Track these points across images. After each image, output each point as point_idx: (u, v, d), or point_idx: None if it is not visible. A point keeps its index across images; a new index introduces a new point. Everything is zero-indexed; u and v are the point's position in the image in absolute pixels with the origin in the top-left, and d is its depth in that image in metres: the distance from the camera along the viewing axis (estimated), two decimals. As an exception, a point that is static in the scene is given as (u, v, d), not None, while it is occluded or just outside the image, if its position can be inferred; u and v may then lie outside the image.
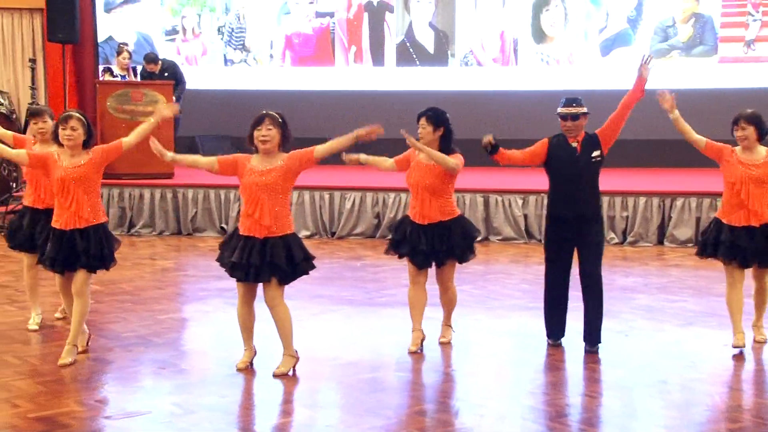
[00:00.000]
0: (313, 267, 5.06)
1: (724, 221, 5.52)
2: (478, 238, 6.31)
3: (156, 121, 5.34)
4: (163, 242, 9.72)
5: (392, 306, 6.65)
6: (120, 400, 4.67)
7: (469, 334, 6.06)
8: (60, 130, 5.17)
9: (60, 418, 4.27)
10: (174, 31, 13.24)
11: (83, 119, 5.22)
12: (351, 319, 6.39)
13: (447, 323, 5.86)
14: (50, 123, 5.84)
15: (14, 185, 11.18)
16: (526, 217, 9.73)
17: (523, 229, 9.70)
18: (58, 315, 6.26)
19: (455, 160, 5.45)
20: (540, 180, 9.26)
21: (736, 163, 5.47)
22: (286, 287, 5.08)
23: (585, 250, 5.45)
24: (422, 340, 5.63)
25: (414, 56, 12.74)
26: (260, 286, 5.01)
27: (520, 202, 9.72)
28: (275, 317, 5.02)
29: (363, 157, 5.52)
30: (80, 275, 5.17)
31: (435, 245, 5.48)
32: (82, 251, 5.11)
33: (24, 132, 11.31)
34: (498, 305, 6.84)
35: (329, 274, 7.98)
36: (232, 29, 13.13)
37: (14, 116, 12.96)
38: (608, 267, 5.57)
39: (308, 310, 6.52)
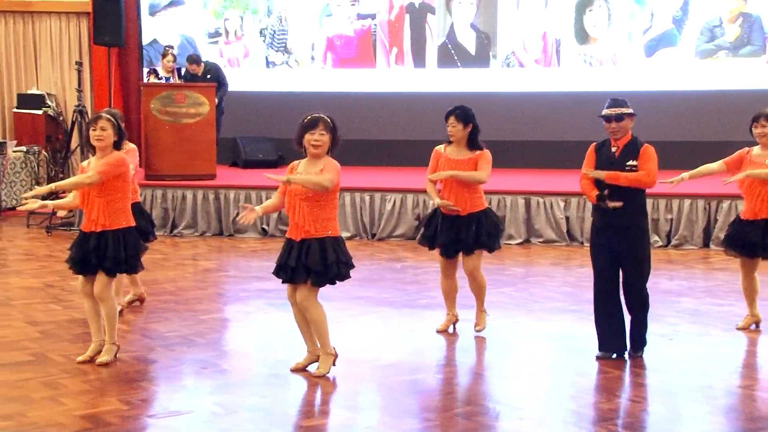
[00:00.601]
0: (347, 275, 5.00)
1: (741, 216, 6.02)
2: (505, 233, 6.41)
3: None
4: (205, 243, 9.82)
5: (432, 308, 6.62)
6: (163, 399, 4.72)
7: (509, 337, 6.03)
8: (90, 132, 5.22)
9: (104, 416, 4.34)
10: (217, 34, 13.37)
11: (113, 120, 5.24)
12: (391, 321, 6.39)
13: (480, 309, 6.06)
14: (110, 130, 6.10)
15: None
16: (567, 219, 9.65)
17: (564, 231, 9.62)
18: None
19: (481, 173, 5.75)
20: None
21: (748, 161, 5.88)
22: (327, 288, 5.09)
23: (624, 262, 5.28)
24: (454, 323, 6.07)
25: (455, 58, 12.71)
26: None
27: (561, 204, 9.64)
28: (309, 318, 5.02)
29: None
30: (99, 278, 5.19)
31: (461, 235, 5.75)
32: (94, 254, 5.12)
33: (71, 134, 11.53)
34: (539, 308, 6.79)
35: (369, 276, 7.99)
36: (274, 31, 13.22)
37: (61, 118, 13.21)
38: (652, 270, 5.48)
39: (348, 312, 6.54)
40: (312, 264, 4.85)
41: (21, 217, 11.25)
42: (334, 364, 5.06)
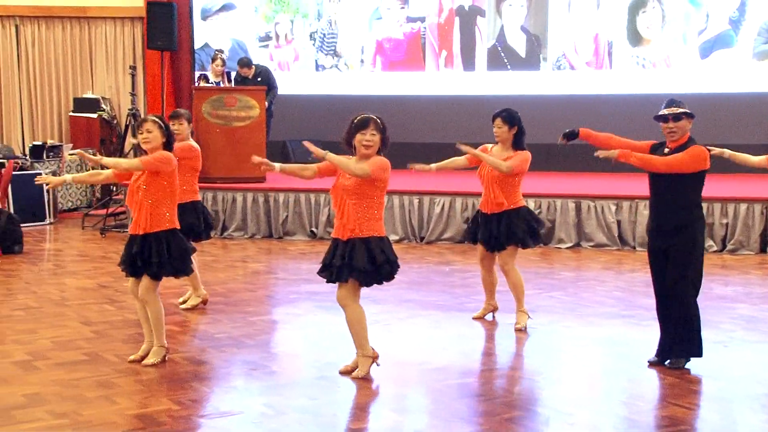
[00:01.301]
0: (391, 276, 4.97)
1: None
2: (543, 231, 6.66)
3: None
4: (254, 245, 9.91)
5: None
6: (214, 400, 4.77)
7: (559, 341, 5.98)
8: (138, 135, 5.29)
9: (157, 416, 4.40)
10: (267, 38, 13.50)
11: (159, 122, 5.29)
12: (439, 324, 6.37)
13: (519, 309, 6.17)
14: (186, 125, 6.61)
15: (114, 188, 11.60)
16: (619, 223, 9.53)
17: (616, 235, 9.50)
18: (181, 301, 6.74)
19: (508, 162, 5.95)
20: (634, 185, 9.08)
21: None
22: (375, 291, 5.09)
23: (667, 263, 5.16)
24: (491, 311, 6.39)
25: (505, 60, 12.65)
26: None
27: (613, 207, 9.53)
28: (346, 317, 5.00)
29: (435, 165, 6.08)
30: (144, 281, 5.24)
31: (493, 231, 6.03)
32: (138, 257, 5.17)
33: (124, 136, 11.74)
34: (590, 313, 6.72)
35: (418, 279, 7.99)
36: (324, 35, 13.30)
37: (115, 121, 13.45)
38: (706, 275, 5.37)
39: (396, 315, 6.54)
40: (359, 264, 4.84)
41: (77, 219, 11.49)
42: (377, 365, 5.06)
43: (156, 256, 5.17)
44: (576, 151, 12.60)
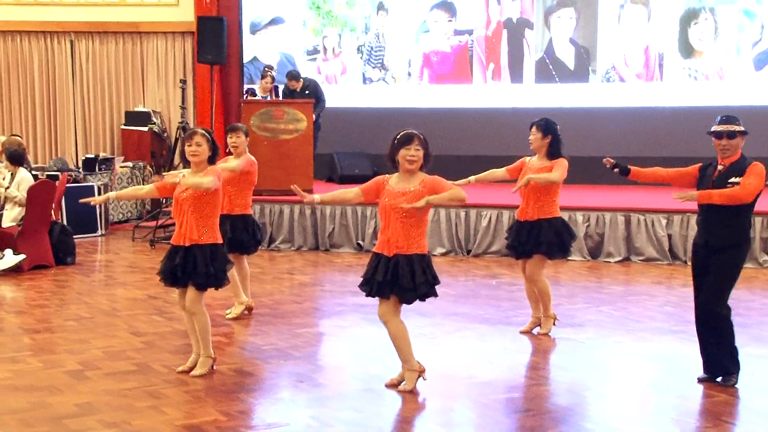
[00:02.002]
0: (434, 292, 4.97)
1: None
2: (574, 242, 6.59)
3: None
4: (301, 257, 9.97)
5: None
6: (260, 411, 4.80)
7: (608, 356, 5.91)
8: (186, 147, 5.31)
9: (204, 427, 4.44)
10: (315, 51, 13.62)
11: (207, 135, 5.33)
12: (486, 338, 6.34)
13: (545, 314, 6.33)
14: (243, 139, 6.73)
15: (164, 201, 11.77)
16: (670, 237, 9.40)
17: (667, 249, 9.37)
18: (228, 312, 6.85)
19: (555, 173, 6.07)
20: (686, 199, 8.94)
21: None
22: (423, 305, 5.09)
23: (705, 280, 5.09)
24: (539, 325, 6.35)
25: (553, 73, 12.58)
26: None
27: (663, 221, 9.40)
28: (389, 333, 5.01)
29: (473, 178, 6.18)
30: (189, 293, 5.30)
31: (522, 238, 6.16)
32: (180, 268, 5.22)
33: (174, 149, 11.92)
34: (639, 328, 6.63)
35: (465, 292, 7.96)
36: (372, 48, 13.38)
37: (165, 134, 13.66)
38: (760, 291, 5.27)
39: (443, 328, 6.53)
40: (402, 282, 4.85)
41: (127, 231, 11.68)
42: (424, 379, 5.05)
43: (202, 268, 5.23)
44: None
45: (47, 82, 14.14)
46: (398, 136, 4.93)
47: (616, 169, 5.52)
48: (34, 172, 10.00)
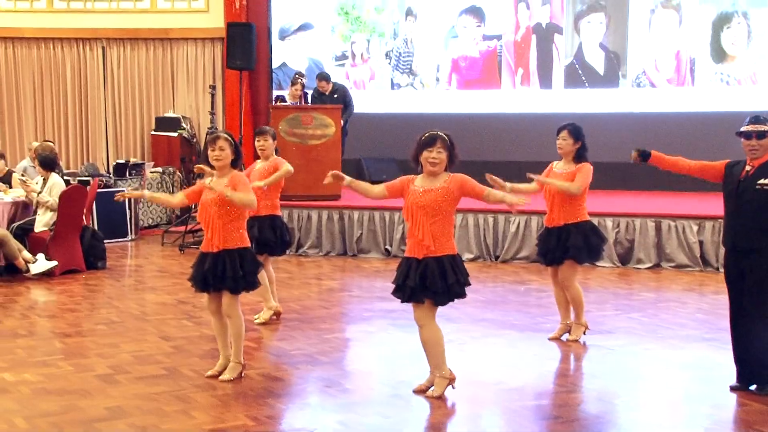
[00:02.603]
0: (463, 293, 4.95)
1: None
2: (604, 248, 6.48)
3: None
4: (329, 263, 9.98)
5: (558, 333, 6.51)
6: (288, 417, 4.81)
7: (638, 364, 5.85)
8: (209, 152, 5.32)
9: (233, 431, 4.46)
10: (344, 57, 13.66)
11: (230, 140, 5.34)
12: (515, 344, 6.31)
13: (577, 321, 6.29)
14: (270, 142, 6.77)
15: (193, 206, 11.85)
16: (701, 243, 9.29)
17: (698, 256, 9.27)
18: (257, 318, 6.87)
19: (576, 183, 6.05)
20: (717, 205, 8.85)
21: None
22: (451, 310, 5.07)
23: (743, 284, 5.01)
24: (568, 331, 6.30)
25: (583, 78, 12.52)
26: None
27: (695, 227, 9.30)
28: (424, 337, 4.99)
29: (510, 186, 5.81)
30: (225, 297, 5.32)
31: (551, 245, 6.14)
32: (210, 274, 5.23)
33: (203, 155, 11.99)
34: (671, 335, 6.56)
35: (493, 298, 7.93)
36: (400, 53, 13.39)
37: (194, 140, 13.76)
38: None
39: (471, 334, 6.50)
40: (434, 285, 4.84)
41: (157, 236, 11.77)
42: (453, 387, 5.04)
43: (231, 272, 5.24)
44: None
45: (79, 89, 14.31)
46: (422, 138, 4.92)
47: (639, 159, 5.38)
48: (65, 178, 10.11)
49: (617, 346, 6.18)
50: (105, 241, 9.78)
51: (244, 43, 12.69)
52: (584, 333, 6.31)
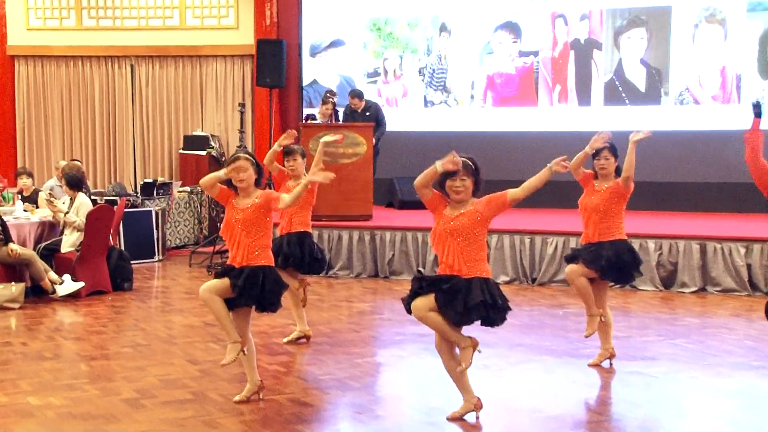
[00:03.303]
0: (503, 318, 4.91)
1: None
2: (640, 269, 6.41)
3: (307, 184, 5.31)
4: (360, 284, 9.99)
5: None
6: (317, 442, 4.80)
7: (683, 393, 5.77)
8: (232, 173, 5.33)
9: (259, 457, 4.46)
10: (376, 73, 13.73)
11: (251, 159, 5.39)
12: (553, 371, 6.25)
13: (591, 312, 6.23)
14: (300, 161, 6.88)
15: (218, 224, 11.93)
16: (749, 267, 9.17)
17: (746, 280, 9.14)
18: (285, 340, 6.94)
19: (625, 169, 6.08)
20: (765, 226, 8.74)
21: None
22: (485, 334, 5.05)
23: None
24: (608, 358, 6.26)
25: (623, 95, 12.46)
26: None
27: (742, 250, 9.18)
28: (444, 364, 5.00)
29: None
30: (214, 283, 5.32)
31: (599, 254, 6.09)
32: (233, 291, 5.25)
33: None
34: (717, 362, 6.47)
35: (530, 322, 7.88)
36: (433, 70, 13.43)
37: (223, 159, 13.87)
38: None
39: (507, 360, 6.46)
40: (455, 304, 4.78)
41: (184, 257, 11.86)
42: (477, 416, 5.01)
43: (249, 287, 5.23)
44: (701, 190, 12.28)
45: (107, 107, 14.53)
46: None
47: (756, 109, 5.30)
48: (93, 197, 10.23)
49: (660, 373, 6.10)
50: (132, 261, 9.86)
51: (274, 60, 12.82)
52: (601, 320, 6.25)
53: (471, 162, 4.90)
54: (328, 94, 11.84)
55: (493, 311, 4.84)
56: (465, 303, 4.77)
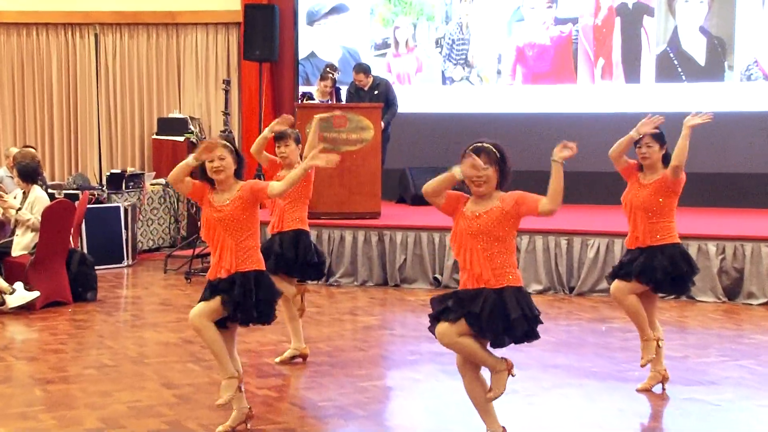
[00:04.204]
0: (536, 333, 4.89)
1: None
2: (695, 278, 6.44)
3: (306, 168, 5.29)
4: (366, 294, 9.99)
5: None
6: (314, 481, 4.81)
7: (749, 423, 5.77)
8: (207, 162, 5.34)
9: (246, 498, 4.47)
10: (385, 45, 13.73)
11: (230, 146, 5.41)
12: (594, 397, 6.25)
13: (646, 337, 6.21)
14: (294, 147, 6.91)
15: (199, 224, 11.95)
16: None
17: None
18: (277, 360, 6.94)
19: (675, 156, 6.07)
20: None
21: None
22: (514, 352, 5.04)
23: None
24: (660, 382, 6.24)
25: (679, 70, 12.45)
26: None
27: (820, 254, 9.16)
28: (466, 388, 4.97)
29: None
30: (203, 307, 5.31)
31: (623, 263, 6.22)
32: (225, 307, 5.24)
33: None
34: (790, 388, 6.46)
35: (567, 340, 7.88)
36: (453, 41, 13.43)
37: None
38: None
39: (541, 383, 6.46)
40: (493, 322, 4.77)
41: (158, 261, 11.89)
42: None
43: (241, 297, 5.24)
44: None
45: (67, 84, 14.58)
46: (463, 153, 4.85)
47: None
48: (50, 191, 10.26)
49: (723, 400, 6.09)
50: (96, 267, 9.89)
51: (264, 29, 12.85)
52: (658, 345, 6.25)
53: (495, 148, 4.87)
54: (327, 69, 11.85)
55: (534, 324, 4.85)
56: (504, 320, 4.76)
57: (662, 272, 6.08)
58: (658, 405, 6.09)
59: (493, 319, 4.76)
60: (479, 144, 4.88)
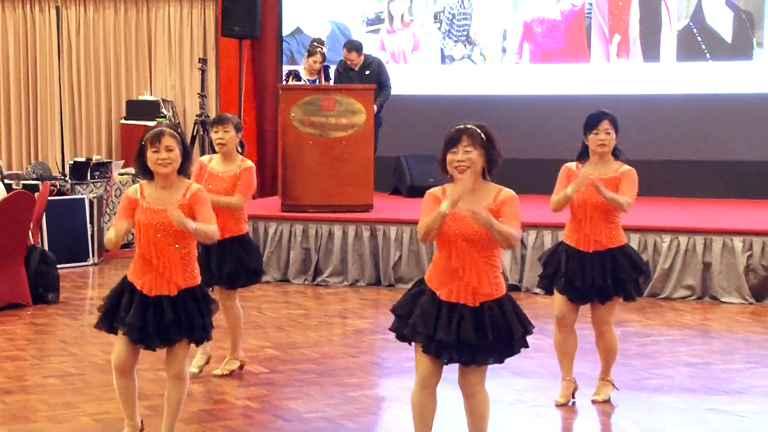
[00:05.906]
0: (526, 345, 4.84)
1: None
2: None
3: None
4: (357, 295, 10.00)
5: (665, 391, 6.48)
6: (299, 500, 4.84)
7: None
8: (150, 153, 5.25)
9: None
10: (378, 20, 13.72)
11: (178, 136, 5.31)
12: (607, 408, 6.28)
13: (604, 377, 6.36)
14: (233, 134, 6.81)
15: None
16: None
17: None
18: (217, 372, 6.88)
19: (624, 198, 5.98)
20: None
21: None
22: (519, 360, 5.06)
23: None
24: (574, 391, 6.29)
25: (703, 47, 12.46)
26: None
27: None
28: (473, 408, 4.89)
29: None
30: (179, 351, 5.22)
31: (596, 278, 6.06)
32: (175, 325, 5.11)
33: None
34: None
35: (578, 345, 7.88)
36: (453, 15, 13.43)
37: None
38: None
39: (548, 392, 6.47)
40: (497, 341, 4.71)
41: (126, 259, 11.86)
42: None
43: (199, 317, 5.16)
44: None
45: (25, 63, 14.56)
46: (447, 136, 4.77)
47: None
48: (6, 182, 10.25)
49: (749, 411, 6.13)
50: (58, 266, 9.88)
51: (245, 2, 12.81)
52: (613, 388, 6.33)
53: (479, 129, 4.72)
54: (315, 43, 11.83)
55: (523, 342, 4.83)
56: (509, 338, 4.74)
57: (630, 281, 6.18)
58: (678, 416, 6.11)
59: (497, 346, 4.75)
60: (462, 127, 4.74)
